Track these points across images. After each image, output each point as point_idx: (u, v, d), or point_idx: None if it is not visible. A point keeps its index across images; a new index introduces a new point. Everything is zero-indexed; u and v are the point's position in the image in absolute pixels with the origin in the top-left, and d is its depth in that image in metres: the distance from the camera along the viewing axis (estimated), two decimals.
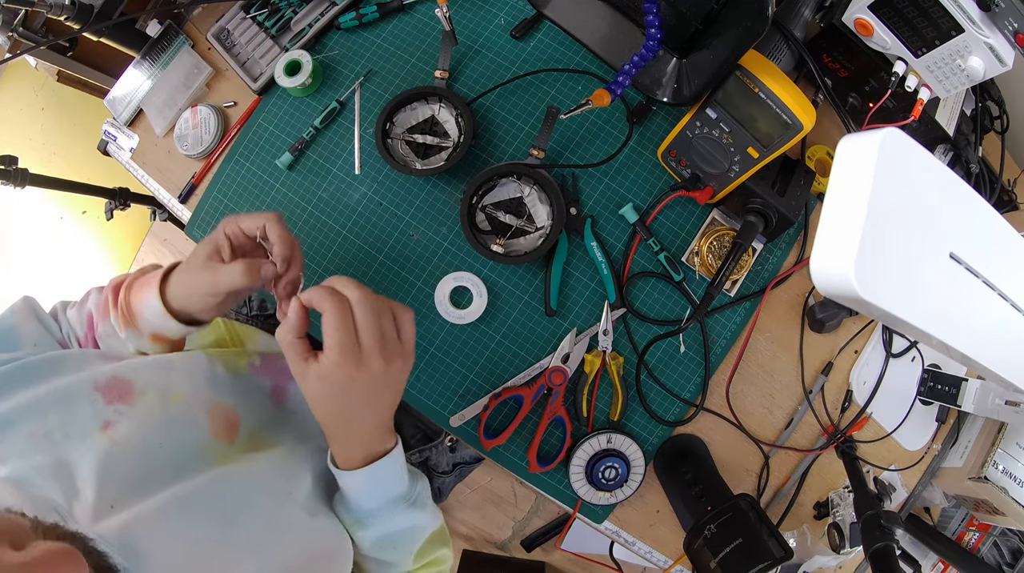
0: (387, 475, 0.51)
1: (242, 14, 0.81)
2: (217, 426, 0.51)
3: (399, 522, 0.53)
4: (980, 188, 0.72)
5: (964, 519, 0.80)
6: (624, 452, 0.69)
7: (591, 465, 0.69)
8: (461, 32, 0.77)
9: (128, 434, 0.44)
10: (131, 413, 0.45)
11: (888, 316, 0.39)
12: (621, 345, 0.72)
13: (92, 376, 0.46)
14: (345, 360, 0.45)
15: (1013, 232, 0.44)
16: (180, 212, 0.83)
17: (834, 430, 0.73)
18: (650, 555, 0.74)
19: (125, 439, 0.43)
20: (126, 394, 0.46)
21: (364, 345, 0.46)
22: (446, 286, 0.72)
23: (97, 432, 0.43)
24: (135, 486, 0.42)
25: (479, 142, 0.74)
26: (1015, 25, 0.52)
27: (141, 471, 0.43)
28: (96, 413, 0.44)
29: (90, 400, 0.44)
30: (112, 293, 0.56)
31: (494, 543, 1.62)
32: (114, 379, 0.47)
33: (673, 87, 0.62)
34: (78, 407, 0.43)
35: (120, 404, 0.45)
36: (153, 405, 0.47)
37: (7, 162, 0.94)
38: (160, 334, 0.54)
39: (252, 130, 0.80)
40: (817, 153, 0.73)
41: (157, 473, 0.44)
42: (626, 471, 0.69)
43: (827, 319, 0.70)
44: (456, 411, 0.72)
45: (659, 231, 0.72)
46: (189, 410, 0.50)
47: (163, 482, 0.43)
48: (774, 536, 0.57)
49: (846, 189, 0.39)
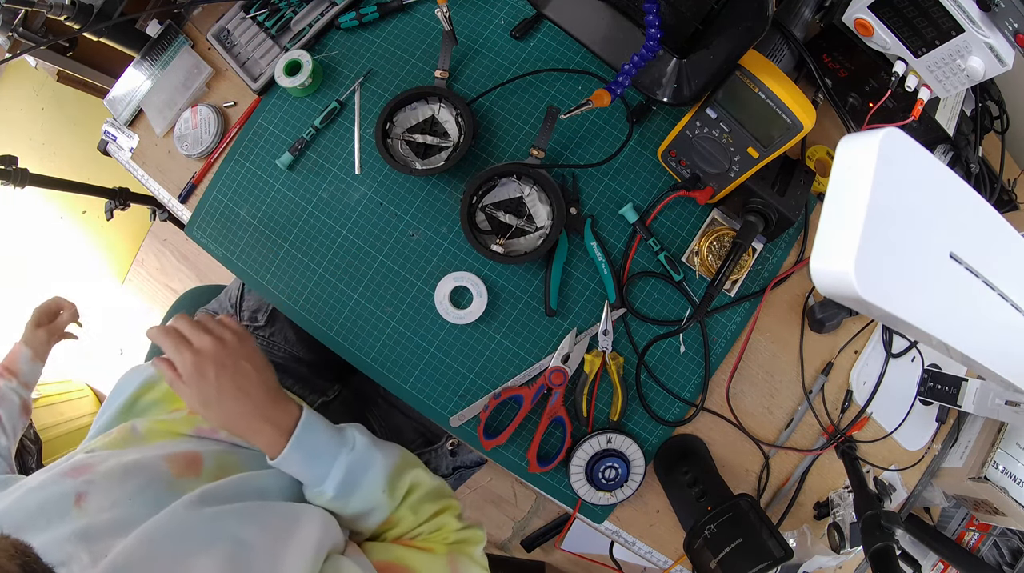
0: (309, 440, 0.55)
1: (242, 14, 0.81)
2: (179, 468, 0.54)
3: (346, 470, 0.56)
4: (980, 188, 0.72)
5: (964, 519, 0.80)
6: (624, 452, 0.69)
7: (591, 465, 0.69)
8: (461, 32, 0.77)
9: (99, 498, 0.48)
10: (96, 480, 0.50)
11: (888, 316, 0.39)
12: (621, 345, 0.72)
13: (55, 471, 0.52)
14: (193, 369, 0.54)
15: (1013, 232, 0.44)
16: (180, 212, 0.83)
17: (834, 430, 0.73)
18: (650, 555, 0.74)
19: (98, 505, 0.48)
20: (87, 468, 0.51)
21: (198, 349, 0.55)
22: (446, 286, 0.72)
23: (72, 507, 0.48)
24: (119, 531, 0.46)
25: (479, 142, 0.74)
26: (1015, 25, 0.52)
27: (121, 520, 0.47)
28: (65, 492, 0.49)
29: (59, 486, 0.49)
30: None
31: (494, 543, 1.62)
32: (73, 465, 0.52)
33: (673, 87, 0.62)
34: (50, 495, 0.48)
35: (85, 475, 0.50)
36: (115, 469, 0.52)
37: (7, 162, 0.94)
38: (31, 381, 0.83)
39: (252, 130, 0.80)
40: (817, 153, 0.73)
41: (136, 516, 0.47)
42: (626, 471, 0.69)
43: (827, 319, 0.70)
44: (456, 411, 0.72)
45: (659, 231, 0.72)
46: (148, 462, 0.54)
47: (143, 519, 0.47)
48: (774, 536, 0.57)
49: (846, 189, 0.39)
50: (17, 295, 1.97)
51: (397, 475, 0.58)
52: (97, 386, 1.91)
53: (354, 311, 0.75)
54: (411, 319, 0.74)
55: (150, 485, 0.51)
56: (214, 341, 0.56)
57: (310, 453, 0.55)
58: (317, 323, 0.75)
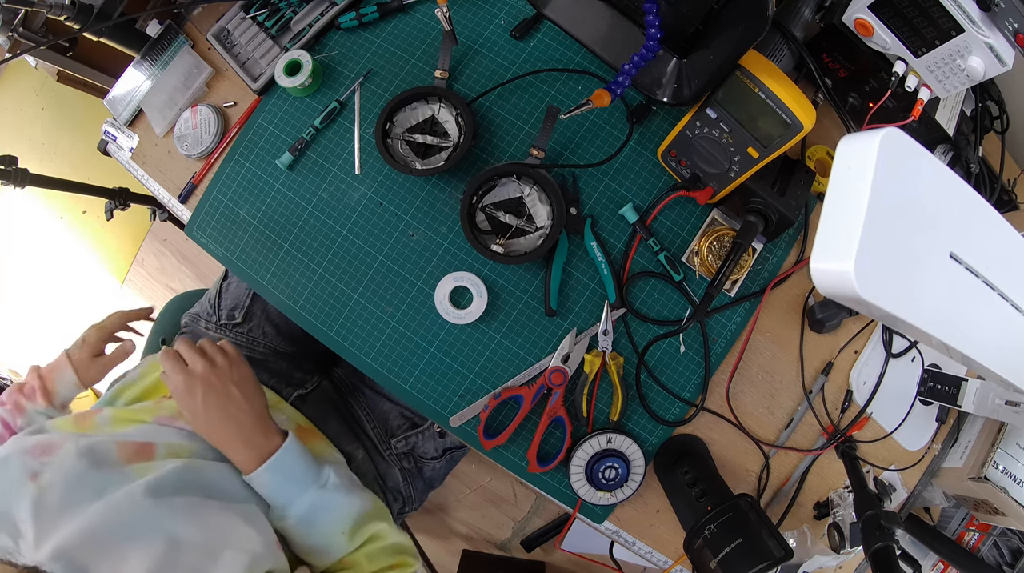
0: (286, 466, 0.59)
1: (242, 14, 0.81)
2: (128, 455, 0.57)
3: (313, 506, 0.59)
4: (980, 188, 0.72)
5: (964, 519, 0.80)
6: (624, 452, 0.69)
7: (591, 465, 0.69)
8: (461, 32, 0.77)
9: (53, 478, 0.51)
10: (54, 462, 0.53)
11: (888, 316, 0.39)
12: (621, 345, 0.72)
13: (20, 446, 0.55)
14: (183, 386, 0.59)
15: (1013, 232, 0.44)
16: (180, 212, 0.83)
17: (834, 430, 0.73)
18: (650, 555, 0.74)
19: (51, 482, 0.51)
20: (49, 449, 0.54)
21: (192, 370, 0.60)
22: (446, 286, 0.72)
23: (28, 482, 0.51)
24: (65, 513, 0.49)
25: (479, 142, 0.74)
26: (1015, 25, 0.52)
27: (68, 502, 0.50)
28: (25, 468, 0.52)
29: (20, 462, 0.53)
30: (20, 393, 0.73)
31: (494, 543, 1.62)
32: (38, 444, 0.55)
33: (673, 87, 0.62)
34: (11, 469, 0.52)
35: (45, 457, 0.53)
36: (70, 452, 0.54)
37: (7, 162, 0.94)
38: (67, 402, 0.75)
39: (252, 130, 0.80)
40: (817, 153, 0.73)
41: (82, 500, 0.50)
42: (626, 471, 0.69)
43: (827, 319, 0.70)
44: (456, 411, 0.72)
45: (659, 231, 0.72)
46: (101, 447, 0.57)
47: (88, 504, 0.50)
48: (774, 536, 0.57)
49: (846, 189, 0.39)
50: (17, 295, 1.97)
51: (362, 522, 0.62)
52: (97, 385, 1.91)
53: (354, 311, 0.75)
54: (411, 319, 0.74)
55: (99, 469, 0.53)
56: (205, 364, 0.61)
57: (282, 479, 0.59)
58: (317, 323, 0.75)
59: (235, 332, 0.86)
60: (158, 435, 0.61)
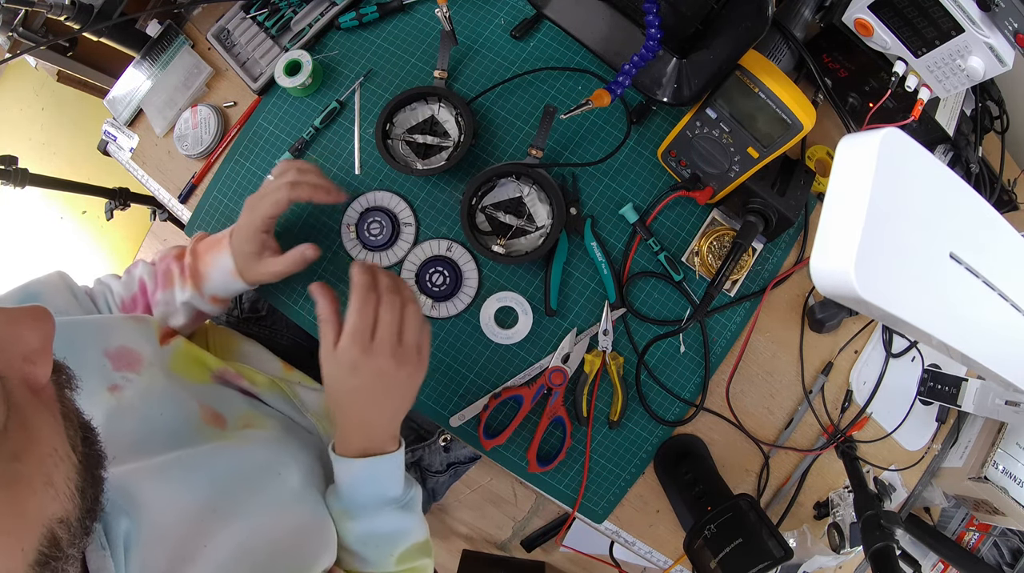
0: (383, 472, 0.54)
1: (242, 14, 0.81)
2: (207, 416, 0.53)
3: (387, 522, 0.55)
4: (980, 188, 0.72)
5: (964, 519, 0.80)
6: (461, 266, 0.69)
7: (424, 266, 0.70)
8: (461, 32, 0.77)
9: (133, 399, 0.47)
10: (138, 381, 0.48)
11: (888, 316, 0.39)
12: (621, 345, 0.72)
13: (103, 342, 0.49)
14: (353, 344, 0.49)
15: (1013, 232, 0.44)
16: (180, 212, 0.83)
17: (834, 430, 0.73)
18: (650, 555, 0.74)
19: (130, 403, 0.46)
20: (135, 363, 0.49)
21: (376, 338, 0.50)
22: (491, 307, 0.72)
23: (105, 392, 0.46)
24: (135, 446, 0.45)
25: (479, 142, 0.74)
26: (1015, 25, 0.52)
27: (141, 434, 0.46)
28: (104, 376, 0.47)
29: (98, 364, 0.47)
30: (176, 262, 0.61)
31: (494, 543, 1.62)
32: (123, 348, 0.49)
33: (673, 87, 0.62)
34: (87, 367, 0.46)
35: (128, 371, 0.48)
36: (158, 377, 0.50)
37: (7, 162, 0.94)
38: (218, 295, 0.61)
39: (252, 130, 0.80)
40: (817, 153, 0.73)
41: (155, 439, 0.46)
42: (456, 284, 0.69)
43: (827, 319, 0.70)
44: (456, 411, 0.72)
45: (659, 231, 0.72)
46: (187, 393, 0.53)
47: (162, 447, 0.46)
48: (774, 536, 0.57)
49: (846, 189, 0.39)
50: None
51: (414, 552, 0.58)
52: None
53: None
54: None
55: (180, 417, 0.50)
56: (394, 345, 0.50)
57: (373, 479, 0.53)
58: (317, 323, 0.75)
59: (259, 325, 0.85)
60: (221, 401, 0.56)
